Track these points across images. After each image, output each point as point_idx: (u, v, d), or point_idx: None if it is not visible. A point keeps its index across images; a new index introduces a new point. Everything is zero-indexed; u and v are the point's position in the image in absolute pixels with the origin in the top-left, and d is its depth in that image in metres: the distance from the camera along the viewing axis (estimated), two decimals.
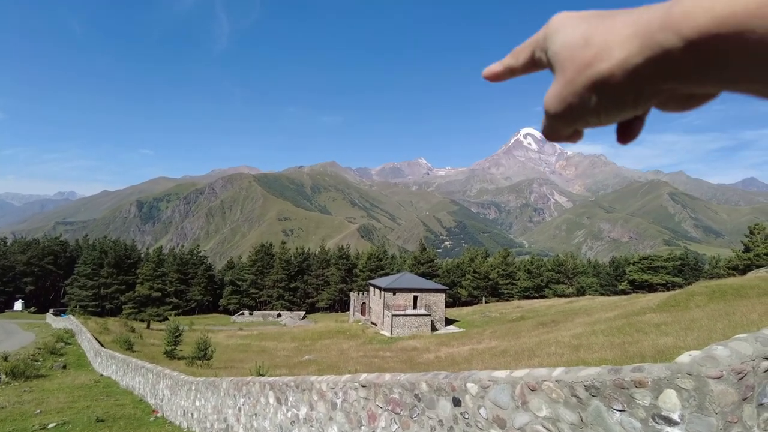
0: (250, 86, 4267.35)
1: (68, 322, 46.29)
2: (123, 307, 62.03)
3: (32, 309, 76.60)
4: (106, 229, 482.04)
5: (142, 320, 57.74)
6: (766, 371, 2.73)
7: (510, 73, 0.51)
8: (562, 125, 0.42)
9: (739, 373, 2.60)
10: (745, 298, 21.80)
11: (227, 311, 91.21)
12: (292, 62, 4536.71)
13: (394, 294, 50.57)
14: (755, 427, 2.61)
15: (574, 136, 0.46)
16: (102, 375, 22.67)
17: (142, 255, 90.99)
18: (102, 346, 28.37)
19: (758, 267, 46.04)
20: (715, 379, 2.57)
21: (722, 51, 0.27)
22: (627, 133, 0.41)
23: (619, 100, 0.35)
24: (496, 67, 0.51)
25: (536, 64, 0.47)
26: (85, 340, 32.28)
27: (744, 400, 2.59)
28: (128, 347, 32.24)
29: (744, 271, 46.33)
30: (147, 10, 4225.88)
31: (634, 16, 0.33)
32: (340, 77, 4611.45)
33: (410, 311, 49.42)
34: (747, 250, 55.38)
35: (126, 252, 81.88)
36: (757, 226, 56.73)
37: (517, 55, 0.49)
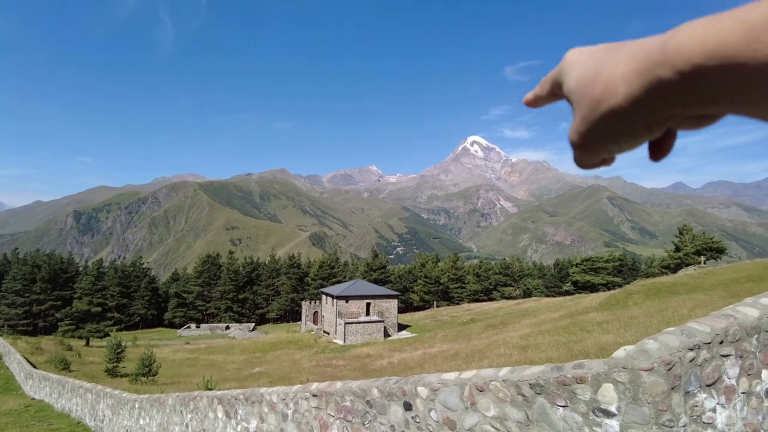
0: (197, 92, 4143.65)
1: None
2: (59, 324, 58.51)
3: None
4: (39, 242, 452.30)
5: (80, 337, 54.59)
6: (691, 361, 2.93)
7: (540, 100, 0.55)
8: (588, 156, 0.45)
9: (667, 365, 2.77)
10: (677, 295, 23.26)
11: (173, 325, 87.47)
12: (240, 67, 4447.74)
13: (347, 301, 50.30)
14: (683, 413, 2.79)
15: (605, 162, 0.48)
16: (34, 399, 21.19)
17: (81, 268, 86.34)
18: (34, 367, 26.56)
19: (687, 265, 49.32)
20: (646, 371, 2.73)
21: (717, 81, 0.29)
22: (657, 151, 0.44)
23: (632, 130, 0.38)
24: (529, 95, 0.56)
25: (556, 95, 0.50)
26: (14, 362, 30.10)
27: (672, 389, 2.76)
28: (65, 367, 30.31)
29: (675, 270, 49.36)
30: (84, 8, 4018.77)
31: (635, 49, 0.36)
32: (290, 82, 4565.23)
33: (363, 318, 49.30)
34: (677, 249, 59.07)
35: (62, 266, 77.20)
36: (685, 227, 60.73)
37: (542, 86, 0.53)
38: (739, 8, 0.29)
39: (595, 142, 0.42)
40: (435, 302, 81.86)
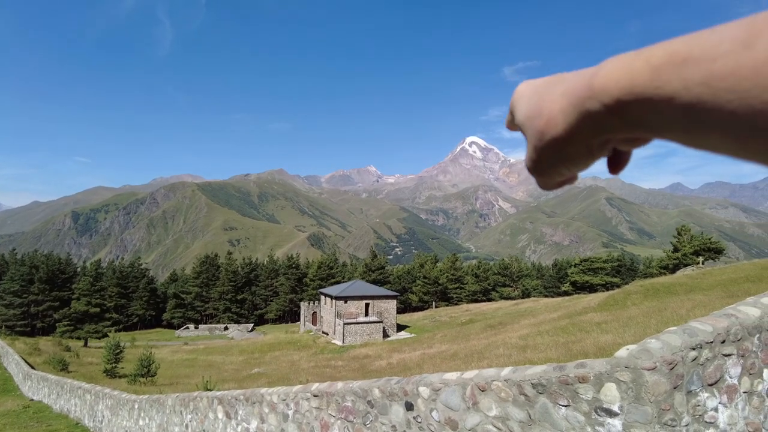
0: (195, 92, 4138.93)
1: None
2: (57, 325, 58.45)
3: None
4: (37, 243, 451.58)
5: (78, 338, 54.48)
6: (693, 360, 2.93)
7: (511, 126, 0.58)
8: (545, 179, 0.49)
9: (670, 364, 2.78)
10: (675, 295, 23.27)
11: (171, 326, 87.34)
12: (239, 68, 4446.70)
13: (346, 302, 50.27)
14: (685, 413, 2.79)
15: (567, 182, 0.51)
16: (32, 400, 21.14)
17: (79, 269, 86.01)
18: (32, 368, 26.50)
19: (685, 266, 49.34)
20: (649, 370, 2.74)
21: (634, 111, 0.34)
22: (615, 164, 0.47)
23: (575, 155, 0.43)
24: (507, 119, 0.58)
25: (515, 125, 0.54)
26: (13, 363, 30.03)
27: (675, 388, 2.77)
28: (63, 368, 30.24)
29: (674, 270, 49.38)
30: (83, 8, 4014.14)
31: (568, 85, 0.41)
32: (288, 83, 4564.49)
33: (362, 319, 49.27)
34: (675, 250, 59.13)
35: (60, 266, 77.01)
36: (683, 228, 60.82)
37: (508, 115, 0.56)
38: (648, 48, 0.34)
39: (547, 168, 0.46)
40: (434, 303, 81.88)
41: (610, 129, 0.38)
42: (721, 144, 0.31)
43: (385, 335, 49.28)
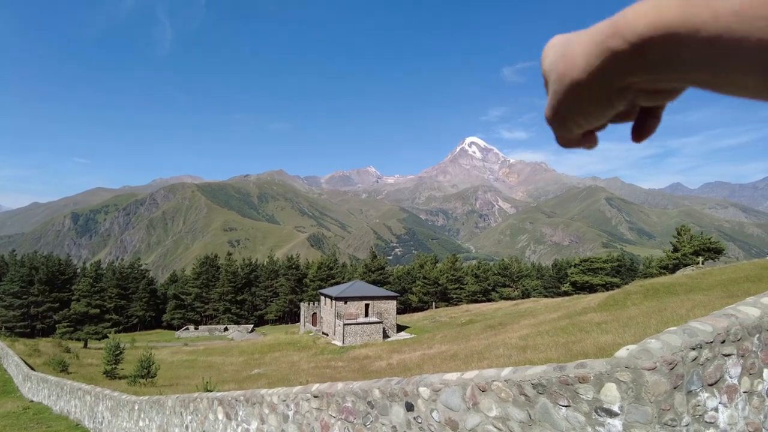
0: (195, 92, 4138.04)
1: None
2: (57, 326, 58.40)
3: None
4: (36, 244, 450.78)
5: (78, 339, 54.42)
6: (693, 360, 2.93)
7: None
8: (562, 130, 0.48)
9: (670, 364, 2.78)
10: (675, 295, 23.27)
11: (171, 327, 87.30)
12: (238, 68, 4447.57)
13: (346, 303, 50.26)
14: (685, 413, 2.79)
15: (585, 141, 0.50)
16: (32, 401, 21.14)
17: (78, 270, 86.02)
18: (32, 369, 26.49)
19: (685, 266, 49.35)
20: (649, 370, 2.74)
21: (660, 50, 0.33)
22: (639, 131, 0.47)
23: (593, 99, 0.42)
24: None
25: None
26: (12, 364, 30.02)
27: (675, 388, 2.77)
28: (63, 369, 30.23)
29: (673, 270, 49.38)
30: (82, 8, 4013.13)
31: (593, 28, 0.41)
32: (288, 83, 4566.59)
33: (362, 319, 49.26)
34: (675, 250, 59.14)
35: (60, 267, 77.01)
36: (683, 228, 60.85)
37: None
38: None
39: (566, 116, 0.46)
40: (434, 303, 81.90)
41: (631, 70, 0.37)
42: (748, 82, 0.30)
43: (385, 336, 49.27)
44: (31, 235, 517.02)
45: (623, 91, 0.40)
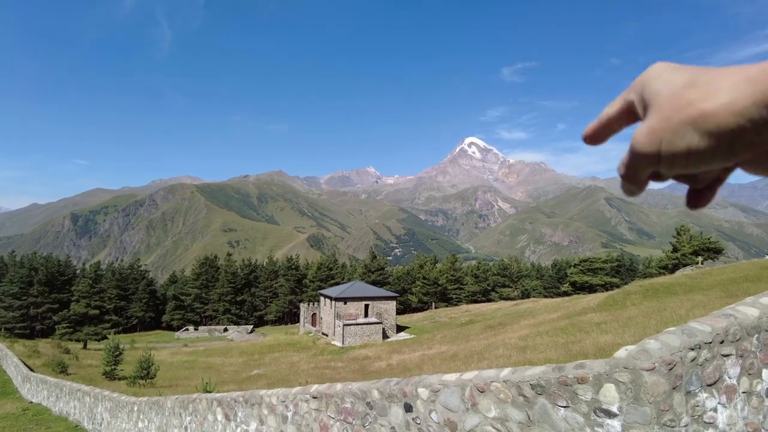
0: (194, 94, 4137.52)
1: None
2: (56, 327, 58.30)
3: None
4: (36, 245, 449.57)
5: (78, 340, 54.36)
6: (692, 361, 2.93)
7: (606, 125, 0.51)
8: (646, 164, 0.42)
9: (669, 364, 2.77)
10: (674, 295, 23.28)
11: (171, 327, 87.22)
12: (237, 69, 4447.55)
13: (345, 303, 50.23)
14: (684, 413, 2.79)
15: (658, 177, 0.45)
16: (32, 402, 21.11)
17: (78, 271, 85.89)
18: (31, 370, 26.45)
19: (684, 266, 49.34)
20: (648, 371, 2.73)
21: None
22: (698, 199, 0.43)
23: (716, 142, 0.36)
24: (588, 129, 0.52)
25: (629, 110, 0.47)
26: (12, 365, 29.99)
27: (674, 389, 2.76)
28: (62, 370, 30.21)
29: (673, 270, 49.38)
30: (81, 10, 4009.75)
31: (744, 67, 0.35)
32: (287, 84, 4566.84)
33: (361, 320, 49.24)
34: (675, 250, 59.16)
35: (59, 268, 76.97)
36: (682, 228, 60.86)
37: (611, 105, 0.49)
38: None
39: (664, 149, 0.39)
40: (433, 303, 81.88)
41: None
42: None
43: (385, 336, 49.25)
44: (31, 236, 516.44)
45: (752, 145, 0.35)
